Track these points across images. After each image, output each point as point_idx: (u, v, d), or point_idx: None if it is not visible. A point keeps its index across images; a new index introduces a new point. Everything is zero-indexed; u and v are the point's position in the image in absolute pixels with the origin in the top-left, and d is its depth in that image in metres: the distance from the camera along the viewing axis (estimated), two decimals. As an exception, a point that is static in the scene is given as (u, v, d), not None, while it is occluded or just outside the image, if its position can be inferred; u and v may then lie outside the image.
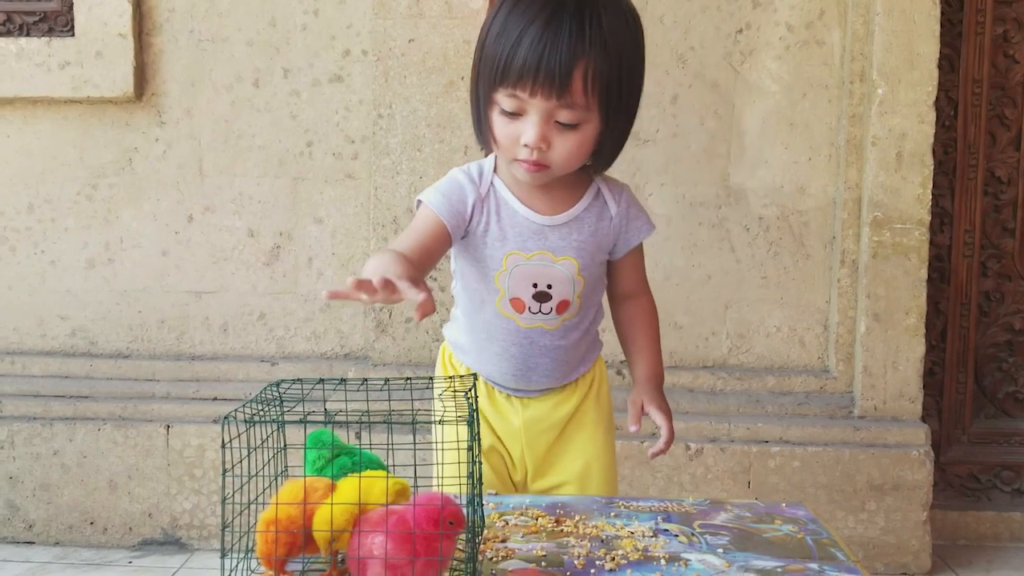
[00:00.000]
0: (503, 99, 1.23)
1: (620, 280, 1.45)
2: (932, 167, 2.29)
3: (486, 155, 1.39)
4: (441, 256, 1.34)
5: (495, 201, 1.34)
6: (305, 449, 1.03)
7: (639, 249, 1.43)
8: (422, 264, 1.25)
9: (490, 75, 1.24)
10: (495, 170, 1.36)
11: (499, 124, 1.26)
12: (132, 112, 2.45)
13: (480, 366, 1.42)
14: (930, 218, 2.30)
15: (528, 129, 1.23)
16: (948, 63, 2.43)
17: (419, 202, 1.35)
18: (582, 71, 1.19)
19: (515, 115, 1.24)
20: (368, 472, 0.96)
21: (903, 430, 2.30)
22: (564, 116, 1.22)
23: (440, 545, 0.89)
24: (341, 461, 1.03)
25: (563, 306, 1.36)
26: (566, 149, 1.25)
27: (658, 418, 1.40)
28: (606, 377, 1.50)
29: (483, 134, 1.31)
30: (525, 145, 1.24)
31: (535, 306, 1.35)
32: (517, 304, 1.36)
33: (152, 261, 2.49)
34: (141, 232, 2.49)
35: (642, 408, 1.41)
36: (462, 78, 2.32)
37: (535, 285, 1.34)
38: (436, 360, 1.53)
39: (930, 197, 2.29)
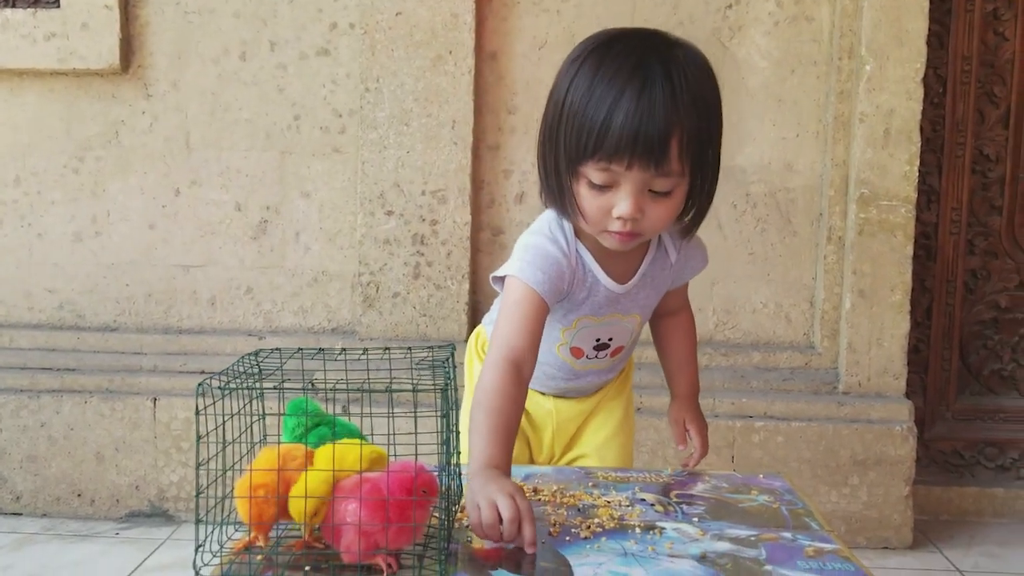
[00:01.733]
0: (593, 173, 1.15)
1: (665, 303, 1.43)
2: (919, 144, 2.29)
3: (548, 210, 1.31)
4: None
5: (582, 270, 1.29)
6: (285, 416, 1.03)
7: None
8: (535, 347, 1.22)
9: (577, 148, 1.16)
10: (576, 234, 1.29)
11: (588, 197, 1.18)
12: (118, 84, 2.44)
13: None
14: (917, 195, 2.31)
15: (622, 202, 1.15)
16: (937, 40, 2.42)
17: (495, 276, 1.31)
18: (678, 138, 1.13)
19: (605, 187, 1.16)
20: (344, 440, 0.97)
21: (887, 406, 2.31)
22: (659, 185, 1.15)
23: (413, 513, 0.89)
24: (320, 431, 1.04)
25: (617, 351, 1.39)
26: (658, 216, 1.18)
27: (696, 438, 1.49)
28: (631, 366, 1.55)
29: (566, 205, 1.22)
30: (619, 218, 1.17)
31: (592, 354, 1.38)
32: (576, 352, 1.38)
33: (139, 234, 2.49)
34: (128, 205, 2.48)
35: (684, 425, 1.49)
36: (450, 52, 2.31)
37: (598, 339, 1.36)
38: (468, 345, 1.53)
39: (917, 174, 2.29)
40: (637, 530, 1.03)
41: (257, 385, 0.98)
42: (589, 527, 1.03)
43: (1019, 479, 2.55)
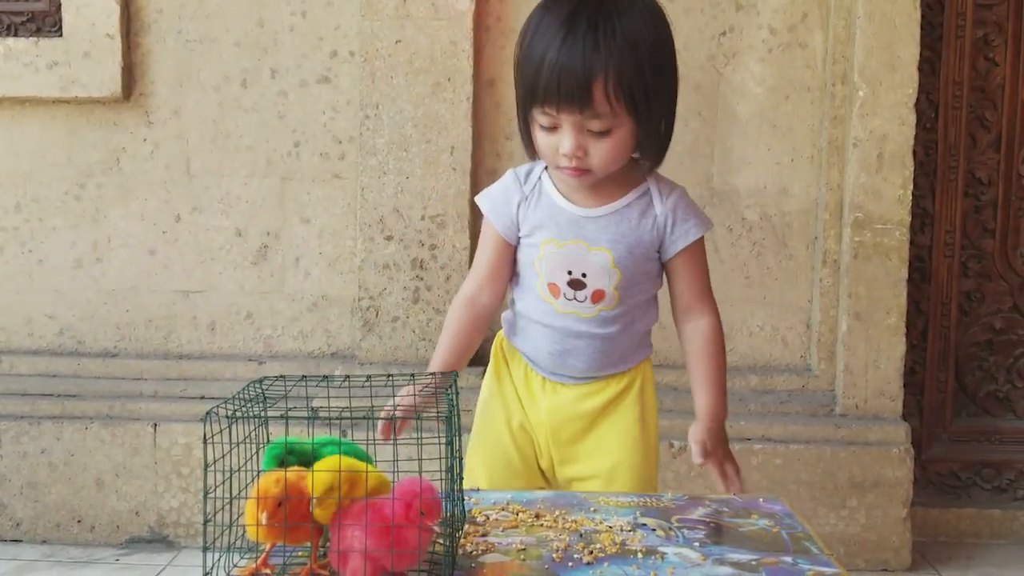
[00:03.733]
0: (538, 116, 1.32)
1: (675, 289, 1.46)
2: (912, 168, 2.32)
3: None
4: (510, 264, 1.46)
5: (538, 195, 1.42)
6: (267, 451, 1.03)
7: (692, 255, 1.43)
8: (495, 277, 1.46)
9: (524, 96, 1.34)
10: (546, 168, 1.43)
11: (540, 137, 1.34)
12: (120, 112, 2.46)
13: (524, 344, 1.49)
14: (911, 219, 2.33)
15: (564, 141, 1.30)
16: (929, 66, 2.46)
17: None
18: (601, 83, 1.26)
19: (552, 128, 1.32)
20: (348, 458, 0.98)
21: (884, 428, 2.33)
22: (594, 125, 1.29)
23: (419, 537, 0.90)
24: (330, 451, 1.04)
25: (598, 296, 1.40)
26: (602, 153, 1.31)
27: (714, 470, 1.43)
28: (650, 380, 1.52)
29: (529, 145, 1.39)
30: (563, 155, 1.31)
31: (570, 292, 1.41)
32: (553, 289, 1.41)
33: (140, 260, 2.50)
34: (129, 232, 2.50)
35: (705, 447, 1.42)
36: (448, 79, 2.34)
37: (569, 272, 1.40)
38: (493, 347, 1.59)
39: (910, 198, 2.32)
40: (639, 555, 1.04)
41: (263, 413, 0.99)
42: (591, 552, 1.04)
43: (1016, 500, 2.56)
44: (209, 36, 2.44)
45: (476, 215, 2.41)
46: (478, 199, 1.48)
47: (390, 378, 1.07)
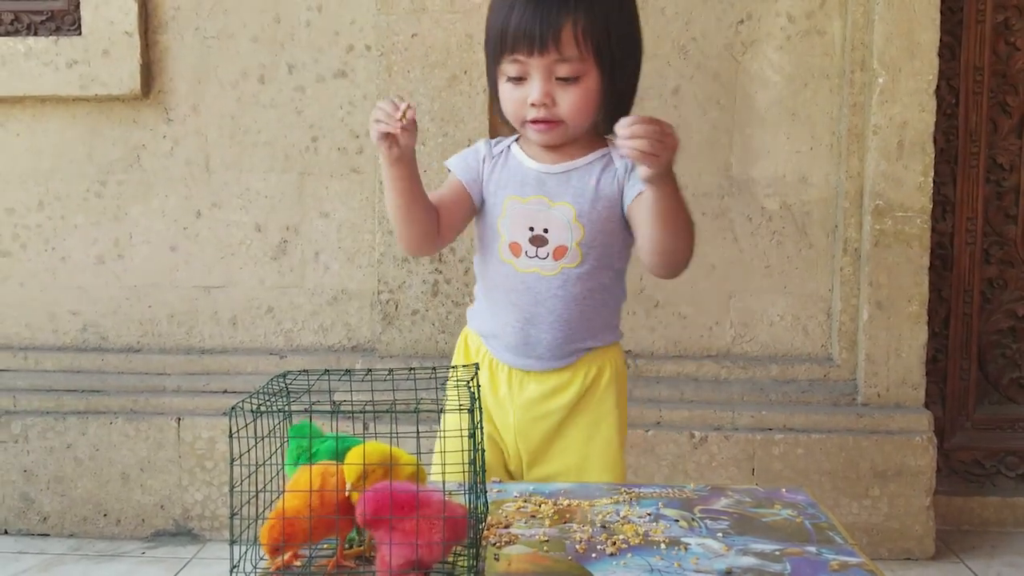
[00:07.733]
0: (508, 67, 1.35)
1: (638, 234, 1.37)
2: (933, 155, 2.30)
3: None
4: (464, 213, 1.45)
5: (505, 157, 1.45)
6: (289, 439, 1.04)
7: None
8: (443, 213, 1.42)
9: (494, 49, 1.37)
10: (517, 139, 1.47)
11: (507, 91, 1.37)
12: (139, 109, 2.48)
13: (490, 323, 1.47)
14: (932, 206, 2.31)
15: (533, 88, 1.34)
16: (949, 51, 2.43)
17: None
18: (571, 26, 1.31)
19: (520, 80, 1.35)
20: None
21: (906, 416, 2.31)
22: (563, 70, 1.33)
23: (443, 533, 0.91)
24: (328, 445, 1.05)
25: (560, 252, 1.40)
26: (571, 102, 1.34)
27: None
28: (622, 371, 1.49)
29: (500, 105, 1.42)
30: (532, 104, 1.34)
31: (531, 250, 1.41)
32: (515, 248, 1.42)
33: (161, 256, 2.52)
34: (150, 228, 2.52)
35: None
36: (465, 72, 2.34)
37: (531, 228, 1.40)
38: (453, 349, 1.58)
39: (931, 185, 2.30)
40: (662, 546, 1.04)
41: (287, 408, 1.00)
42: (615, 543, 1.04)
43: (1041, 488, 2.55)
44: (226, 32, 2.45)
45: (494, 207, 2.41)
46: (447, 161, 1.51)
47: (412, 371, 1.08)
